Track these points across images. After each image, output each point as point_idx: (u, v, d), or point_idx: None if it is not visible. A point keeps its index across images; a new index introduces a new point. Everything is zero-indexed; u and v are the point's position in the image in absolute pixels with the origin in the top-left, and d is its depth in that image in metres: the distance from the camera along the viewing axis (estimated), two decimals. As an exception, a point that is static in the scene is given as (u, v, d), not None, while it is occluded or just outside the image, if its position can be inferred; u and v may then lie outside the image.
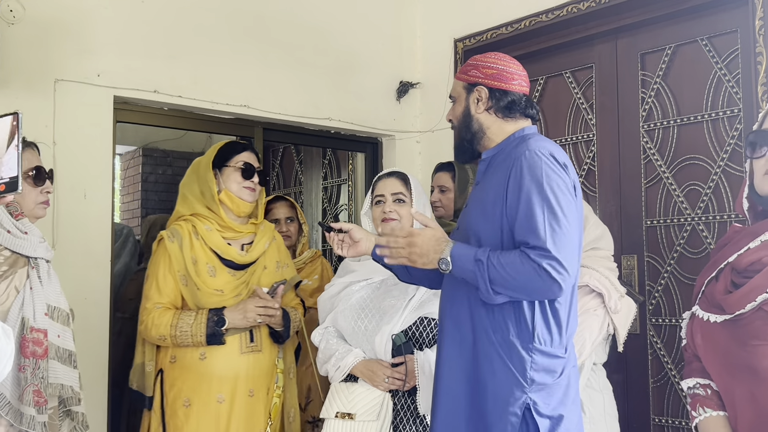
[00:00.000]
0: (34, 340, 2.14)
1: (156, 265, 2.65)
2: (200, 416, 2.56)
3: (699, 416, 1.99)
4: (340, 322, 2.50)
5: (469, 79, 2.07)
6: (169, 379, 2.60)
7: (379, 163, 4.28)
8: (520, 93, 2.04)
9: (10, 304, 2.14)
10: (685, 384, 2.09)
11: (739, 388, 1.90)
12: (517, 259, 1.79)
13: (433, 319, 2.41)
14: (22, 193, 2.21)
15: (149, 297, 2.62)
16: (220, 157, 2.73)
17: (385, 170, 2.68)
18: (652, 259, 3.28)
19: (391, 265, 2.23)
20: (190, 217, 2.71)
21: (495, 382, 1.87)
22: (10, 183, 1.34)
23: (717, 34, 3.12)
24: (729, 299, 1.91)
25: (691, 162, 3.20)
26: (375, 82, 4.09)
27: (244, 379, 2.61)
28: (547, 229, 1.79)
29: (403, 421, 2.35)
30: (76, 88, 3.12)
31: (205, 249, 2.65)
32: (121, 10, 3.26)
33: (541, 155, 1.88)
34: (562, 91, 3.68)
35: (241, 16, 3.61)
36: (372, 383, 2.37)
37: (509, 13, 3.73)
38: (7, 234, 2.17)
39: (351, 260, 2.64)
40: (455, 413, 1.94)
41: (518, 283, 1.80)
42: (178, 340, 2.54)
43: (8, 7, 2.95)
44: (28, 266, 2.22)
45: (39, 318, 2.18)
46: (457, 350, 1.95)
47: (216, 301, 2.60)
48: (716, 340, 1.94)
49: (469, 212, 2.03)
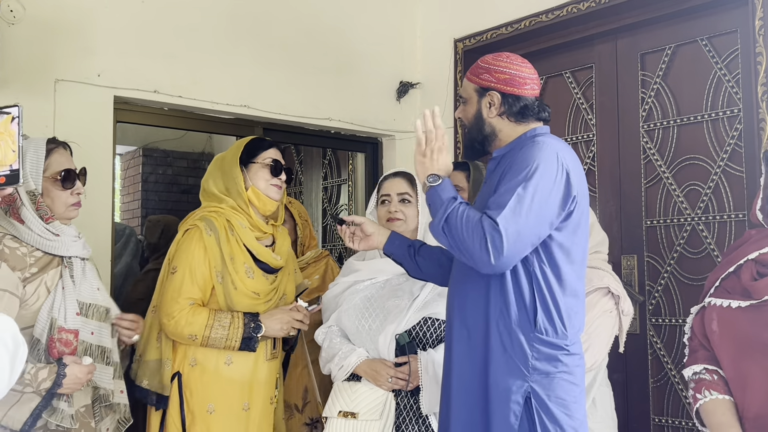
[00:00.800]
0: (63, 341, 2.14)
1: (188, 256, 2.48)
2: (225, 423, 2.46)
3: (704, 398, 2.07)
4: (343, 322, 2.50)
5: (482, 83, 2.07)
6: (189, 384, 2.48)
7: (379, 163, 4.28)
8: (533, 97, 2.05)
9: (40, 305, 2.13)
10: (690, 370, 2.15)
11: (755, 368, 1.99)
12: (475, 219, 1.85)
13: (437, 320, 2.41)
14: (52, 197, 2.23)
15: (181, 291, 2.45)
16: (247, 153, 2.62)
17: (392, 170, 2.68)
18: (652, 259, 3.28)
19: (402, 261, 2.26)
20: (222, 210, 2.57)
21: (497, 371, 1.89)
22: (11, 176, 1.33)
23: (717, 34, 3.12)
24: (757, 285, 2.00)
25: (691, 162, 3.20)
26: (375, 82, 4.09)
27: (265, 385, 2.56)
28: (510, 207, 1.82)
29: (406, 421, 2.35)
30: (76, 88, 3.11)
31: (241, 247, 2.53)
32: (121, 10, 3.26)
33: (544, 146, 1.91)
34: (562, 91, 3.68)
35: (241, 16, 3.61)
36: (375, 383, 2.37)
37: (509, 13, 3.73)
38: (37, 237, 2.16)
39: (355, 260, 2.64)
40: (471, 408, 1.94)
41: (462, 237, 1.85)
42: (210, 342, 2.41)
43: (8, 7, 2.95)
44: (61, 266, 2.21)
45: (70, 318, 2.16)
46: (466, 346, 1.96)
47: (249, 304, 2.50)
48: (735, 324, 2.04)
49: (478, 209, 2.04)
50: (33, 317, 2.12)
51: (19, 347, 1.28)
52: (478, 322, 1.94)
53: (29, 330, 2.12)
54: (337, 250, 4.81)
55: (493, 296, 1.91)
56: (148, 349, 2.53)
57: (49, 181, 2.24)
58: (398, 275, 2.49)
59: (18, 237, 2.15)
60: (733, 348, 2.06)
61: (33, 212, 2.17)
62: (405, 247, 2.26)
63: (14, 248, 2.13)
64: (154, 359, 2.51)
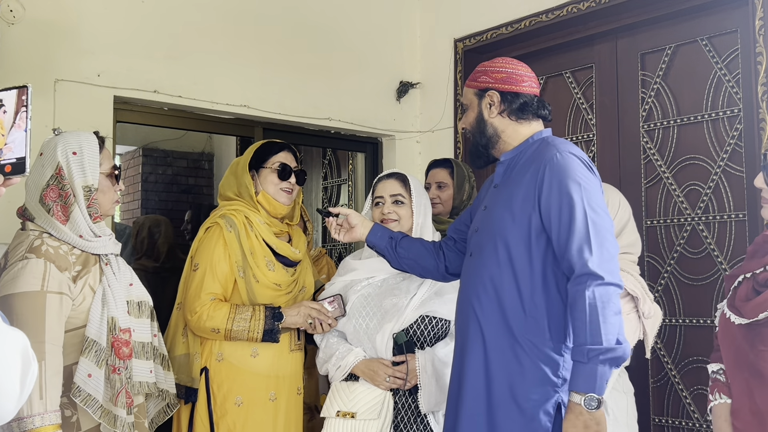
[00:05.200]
0: (123, 341, 2.05)
1: (209, 253, 2.52)
2: (254, 414, 2.50)
3: (714, 401, 2.16)
4: (341, 321, 2.50)
5: (480, 85, 2.08)
6: (216, 378, 2.51)
7: (379, 163, 4.28)
8: (531, 94, 2.05)
9: (88, 305, 2.03)
10: (710, 367, 2.23)
11: (741, 384, 2.06)
12: (595, 304, 1.81)
13: (434, 318, 2.41)
14: (103, 193, 2.10)
15: (203, 287, 2.49)
16: (257, 158, 2.67)
17: (385, 171, 2.68)
18: (652, 259, 3.28)
19: (383, 252, 2.31)
20: (240, 208, 2.61)
21: (524, 383, 1.88)
22: (17, 164, 1.20)
23: (717, 34, 3.12)
24: (746, 306, 2.05)
25: (691, 162, 3.20)
26: (375, 82, 4.09)
27: (291, 377, 2.60)
28: (594, 245, 1.85)
29: (404, 420, 2.35)
30: (76, 88, 3.11)
31: (260, 242, 2.57)
32: (121, 11, 3.26)
33: (572, 156, 1.93)
34: (562, 91, 3.68)
35: (241, 16, 3.61)
36: (373, 382, 2.37)
37: (509, 13, 3.73)
38: (77, 238, 2.04)
39: (352, 259, 2.64)
40: (477, 415, 1.94)
41: (613, 320, 1.82)
42: (232, 335, 2.45)
43: (8, 7, 2.95)
44: (99, 263, 2.10)
45: (122, 317, 2.07)
46: (483, 357, 1.95)
47: (272, 296, 2.55)
48: (733, 337, 2.09)
49: (491, 214, 2.03)
50: (83, 317, 2.01)
51: (31, 364, 1.20)
52: (500, 334, 1.93)
53: (81, 330, 2.01)
54: (336, 250, 4.81)
55: (522, 307, 1.90)
56: (176, 345, 2.57)
57: (102, 176, 2.12)
58: (395, 275, 2.50)
59: (56, 236, 2.02)
60: (730, 358, 2.12)
61: (84, 210, 2.04)
62: (386, 239, 2.31)
63: (56, 247, 2.00)
64: (182, 354, 2.55)
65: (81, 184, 2.04)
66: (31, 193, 2.06)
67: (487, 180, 2.28)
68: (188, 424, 2.53)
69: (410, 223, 2.52)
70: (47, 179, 2.04)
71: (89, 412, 1.96)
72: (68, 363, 1.99)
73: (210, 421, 2.49)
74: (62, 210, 2.03)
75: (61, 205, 2.03)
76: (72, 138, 2.09)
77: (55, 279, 1.96)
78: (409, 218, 2.52)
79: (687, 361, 3.15)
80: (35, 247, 1.98)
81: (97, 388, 1.98)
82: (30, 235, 2.03)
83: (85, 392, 1.97)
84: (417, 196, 2.53)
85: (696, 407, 3.10)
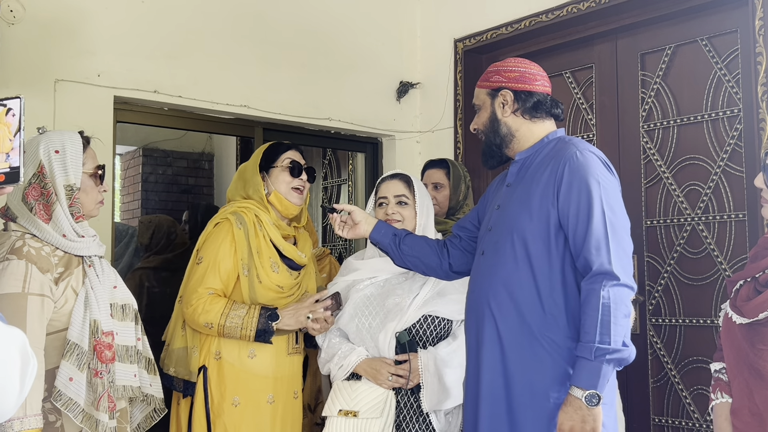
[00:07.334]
0: (106, 345, 2.01)
1: (215, 248, 2.52)
2: (250, 415, 2.49)
3: (716, 399, 2.17)
4: (343, 321, 2.50)
5: (493, 84, 2.08)
6: (214, 377, 2.50)
7: (379, 164, 4.28)
8: (544, 93, 2.06)
9: (70, 307, 1.99)
10: (713, 366, 2.23)
11: (741, 384, 2.07)
12: (609, 305, 1.83)
13: (437, 317, 2.42)
14: (86, 192, 2.08)
15: (203, 281, 2.48)
16: (266, 158, 2.67)
17: (389, 172, 2.68)
18: (652, 259, 3.28)
19: (387, 249, 2.30)
20: (250, 207, 2.60)
21: (545, 380, 1.89)
22: (11, 174, 1.21)
23: (717, 34, 3.12)
24: (747, 306, 2.06)
25: (691, 162, 3.20)
26: (375, 82, 4.09)
27: (289, 380, 2.59)
28: (611, 247, 1.87)
29: (407, 419, 2.35)
30: (76, 88, 3.11)
31: (267, 243, 2.57)
32: (122, 11, 3.26)
33: (592, 155, 1.94)
34: (562, 91, 3.68)
35: (241, 17, 3.61)
36: (375, 381, 2.38)
37: (509, 13, 3.73)
38: (60, 238, 2.00)
39: (354, 259, 2.65)
40: (497, 415, 1.95)
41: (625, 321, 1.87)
42: (225, 331, 2.43)
43: (8, 7, 2.95)
44: (83, 265, 2.06)
45: (105, 320, 2.03)
46: (498, 351, 1.96)
47: (273, 297, 2.54)
48: (734, 336, 2.10)
49: (506, 213, 2.03)
50: (65, 320, 1.98)
51: (29, 362, 1.20)
52: (518, 332, 1.93)
53: (62, 333, 1.98)
54: (337, 249, 4.81)
55: (541, 304, 1.91)
56: (175, 338, 2.57)
57: (85, 176, 2.10)
58: (398, 274, 2.50)
59: (39, 237, 1.99)
60: (731, 357, 2.13)
61: (66, 209, 2.02)
62: (390, 236, 2.30)
63: (38, 248, 1.97)
64: (181, 347, 2.55)
65: (63, 182, 2.02)
66: (14, 192, 2.02)
67: (495, 179, 2.29)
68: (188, 422, 2.53)
69: (413, 224, 2.53)
70: (29, 178, 2.01)
71: (70, 416, 1.93)
72: (50, 366, 1.95)
73: (207, 420, 2.48)
74: (44, 209, 2.00)
75: (43, 203, 2.01)
76: (55, 137, 2.07)
77: (36, 281, 1.92)
78: (413, 219, 2.53)
79: (687, 361, 3.15)
80: (17, 248, 1.95)
81: (79, 392, 1.94)
82: (12, 236, 2.00)
83: (67, 396, 1.93)
84: (420, 197, 2.54)
85: (696, 407, 3.10)
